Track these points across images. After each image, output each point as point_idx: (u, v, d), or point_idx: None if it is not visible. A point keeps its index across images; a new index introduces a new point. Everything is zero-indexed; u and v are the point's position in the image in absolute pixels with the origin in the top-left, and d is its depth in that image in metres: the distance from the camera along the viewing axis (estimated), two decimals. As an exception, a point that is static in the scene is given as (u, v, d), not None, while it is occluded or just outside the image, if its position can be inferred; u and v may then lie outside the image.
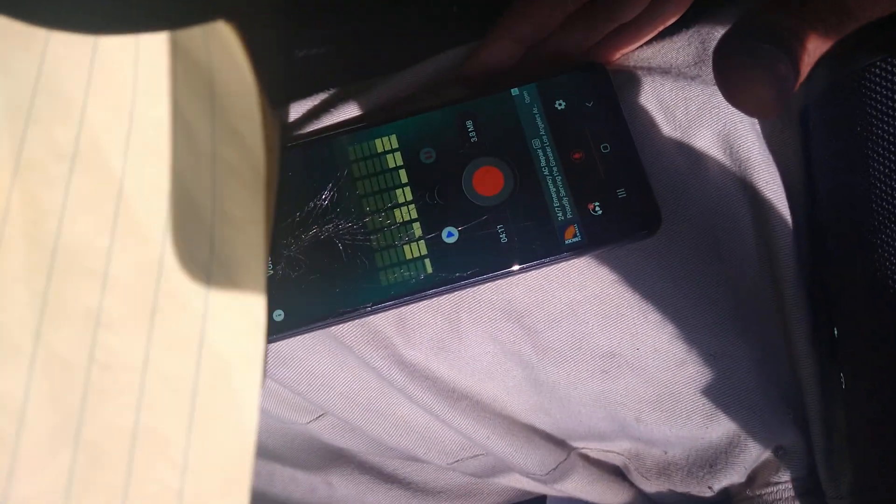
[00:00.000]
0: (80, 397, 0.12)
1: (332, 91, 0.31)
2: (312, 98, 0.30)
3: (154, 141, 0.14)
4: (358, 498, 0.36)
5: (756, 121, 0.27)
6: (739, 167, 0.26)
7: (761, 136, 0.27)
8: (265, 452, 0.37)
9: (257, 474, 0.38)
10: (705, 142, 0.27)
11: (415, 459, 0.33)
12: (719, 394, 0.28)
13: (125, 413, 0.13)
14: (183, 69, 0.14)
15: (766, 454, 0.29)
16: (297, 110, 0.30)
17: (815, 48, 0.18)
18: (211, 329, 0.13)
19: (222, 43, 0.14)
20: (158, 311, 0.13)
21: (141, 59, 0.14)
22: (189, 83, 0.14)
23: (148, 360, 0.13)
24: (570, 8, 0.27)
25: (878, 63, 0.23)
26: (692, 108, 0.27)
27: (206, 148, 0.14)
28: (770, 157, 0.26)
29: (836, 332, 0.25)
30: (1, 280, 0.13)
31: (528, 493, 0.36)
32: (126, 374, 0.13)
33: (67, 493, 0.12)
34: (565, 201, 0.26)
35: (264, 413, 0.34)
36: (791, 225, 0.26)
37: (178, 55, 0.14)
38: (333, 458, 0.36)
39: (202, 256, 0.14)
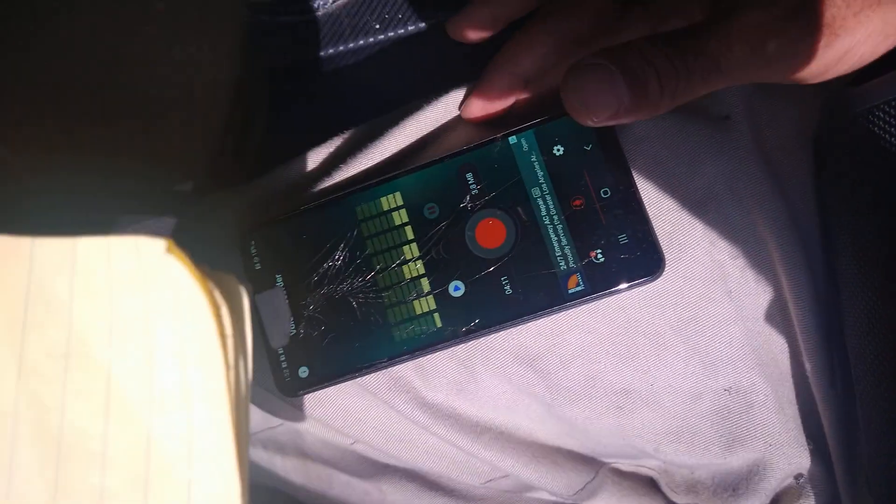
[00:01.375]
0: None
1: (344, 136, 0.31)
2: (327, 145, 0.31)
3: (133, 332, 0.16)
4: (406, 503, 0.38)
5: (761, 153, 0.26)
6: (746, 202, 0.26)
7: (767, 169, 0.26)
8: (323, 460, 0.41)
9: (318, 478, 0.41)
10: (710, 177, 0.26)
11: (450, 480, 0.35)
12: (736, 427, 0.28)
13: None
14: (148, 269, 0.16)
15: (788, 481, 0.29)
16: (313, 159, 0.31)
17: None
18: (196, 494, 0.15)
19: (175, 258, 0.15)
20: (151, 481, 0.15)
21: (113, 257, 0.16)
22: (156, 281, 0.16)
23: None
24: (568, 40, 0.27)
25: (883, 106, 0.21)
26: (696, 145, 0.26)
27: (175, 341, 0.16)
28: (776, 189, 0.26)
29: (853, 372, 0.25)
30: (20, 472, 0.15)
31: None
32: None
33: None
34: (567, 250, 0.26)
35: (313, 434, 0.37)
36: (804, 259, 0.25)
37: (140, 257, 0.15)
38: (382, 468, 0.39)
39: (182, 432, 0.16)
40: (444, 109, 0.29)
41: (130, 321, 0.15)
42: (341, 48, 0.37)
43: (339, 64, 0.37)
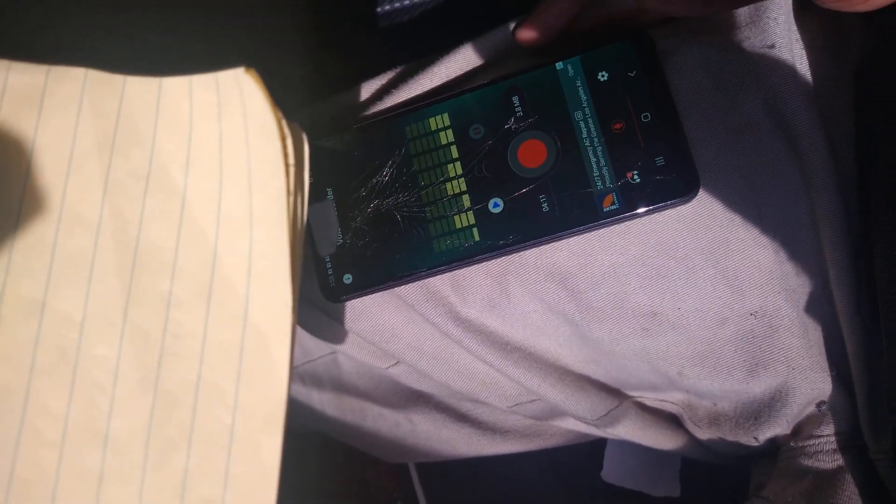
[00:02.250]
0: (158, 358, 0.17)
1: (396, 70, 0.33)
2: (380, 77, 0.33)
3: (207, 160, 0.18)
4: (435, 433, 0.40)
5: (805, 83, 0.27)
6: (786, 131, 0.27)
7: (811, 98, 0.27)
8: (357, 392, 0.43)
9: (351, 411, 0.43)
10: (751, 106, 0.27)
11: (479, 402, 0.37)
12: (760, 351, 0.29)
13: (191, 369, 0.17)
14: (225, 102, 0.18)
15: (810, 409, 0.29)
16: (367, 90, 0.33)
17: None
18: (252, 308, 0.17)
19: (245, 83, 0.17)
20: (214, 294, 0.17)
21: (194, 94, 0.18)
22: (230, 114, 0.18)
23: (207, 330, 0.17)
24: None
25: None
26: (739, 73, 0.27)
27: (244, 167, 0.18)
28: (818, 121, 0.26)
29: (880, 298, 0.26)
30: (99, 275, 0.17)
31: (589, 435, 0.39)
32: (191, 341, 0.17)
33: (149, 428, 0.17)
34: (605, 170, 0.28)
35: (353, 359, 0.39)
36: (838, 190, 0.26)
37: (219, 91, 0.17)
38: (414, 399, 0.41)
39: (244, 252, 0.18)
40: (494, 41, 0.31)
41: (205, 150, 0.17)
42: (397, 5, 0.38)
43: (394, 20, 0.39)
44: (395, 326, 0.33)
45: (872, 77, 0.26)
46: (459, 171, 0.29)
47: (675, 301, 0.29)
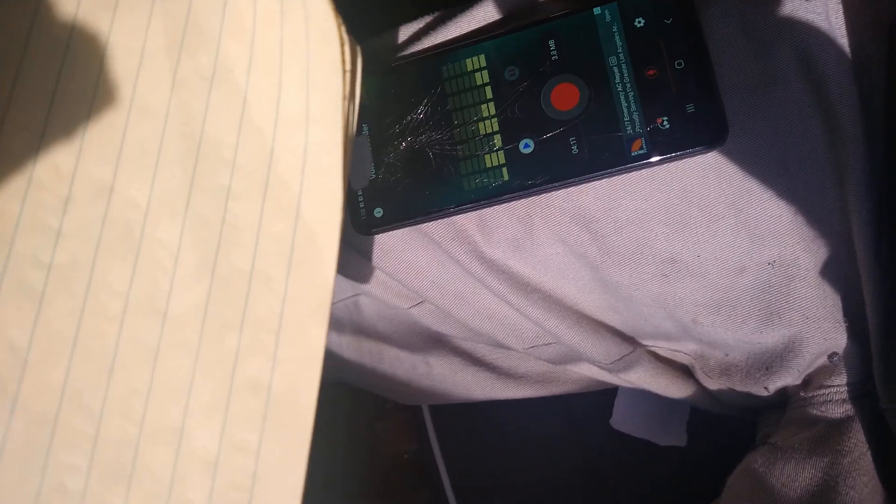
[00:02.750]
0: (216, 245, 0.18)
1: (434, 14, 0.34)
2: (419, 21, 0.34)
3: (269, 63, 0.19)
4: (451, 376, 0.42)
5: (839, 36, 0.27)
6: (816, 83, 0.27)
7: (845, 52, 0.27)
8: (376, 334, 0.44)
9: (369, 353, 0.45)
10: (783, 57, 0.27)
11: (497, 344, 0.38)
12: (775, 300, 0.29)
13: (246, 258, 0.19)
14: (288, 11, 0.19)
15: (822, 360, 0.30)
16: (404, 32, 0.34)
17: None
18: (304, 204, 0.18)
19: None
20: (269, 188, 0.19)
21: (259, 1, 0.19)
22: (292, 21, 0.19)
23: (261, 223, 0.18)
24: None
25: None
26: (772, 23, 0.27)
27: (303, 69, 0.19)
28: (850, 74, 0.27)
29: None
30: (164, 162, 0.19)
31: (602, 382, 0.40)
32: (247, 232, 0.18)
33: (206, 308, 0.18)
34: (635, 115, 0.28)
35: (375, 298, 0.40)
36: (866, 141, 0.27)
37: (283, 2, 0.18)
38: (432, 341, 0.42)
39: (299, 150, 0.19)
40: None
41: (267, 53, 0.18)
42: None
43: None
44: (421, 264, 0.34)
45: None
46: (493, 112, 0.30)
47: (696, 248, 0.29)
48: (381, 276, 0.36)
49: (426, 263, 0.34)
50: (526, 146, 0.29)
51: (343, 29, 0.19)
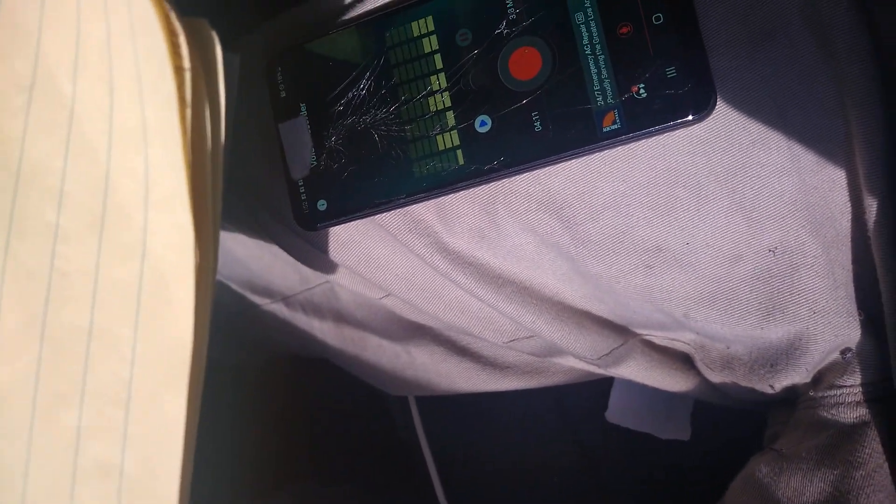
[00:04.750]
0: (44, 300, 0.15)
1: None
2: None
3: (97, 64, 0.15)
4: (433, 366, 0.39)
5: None
6: (821, 34, 0.22)
7: (851, 7, 0.22)
8: (356, 322, 0.41)
9: (352, 341, 0.42)
10: (780, 4, 0.22)
11: (475, 336, 0.35)
12: (778, 292, 0.25)
13: (82, 314, 0.15)
14: (112, 3, 0.15)
15: (833, 356, 0.26)
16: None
17: None
18: (151, 241, 0.15)
19: None
20: (106, 224, 0.15)
21: None
22: (117, 14, 0.15)
23: (99, 268, 0.15)
24: None
25: None
26: None
27: (133, 70, 0.15)
28: (861, 20, 0.22)
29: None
30: None
31: (595, 374, 0.37)
32: (81, 281, 0.15)
33: (37, 378, 0.15)
34: (607, 84, 0.24)
35: (346, 289, 0.37)
36: (882, 108, 0.22)
37: None
38: (412, 330, 0.39)
39: (140, 174, 0.15)
40: None
41: (94, 51, 0.15)
42: None
43: None
44: (382, 257, 0.31)
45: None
46: (444, 84, 0.26)
47: (684, 235, 0.25)
48: (345, 267, 0.33)
49: (387, 256, 0.31)
50: (482, 124, 0.25)
51: (174, 16, 0.15)
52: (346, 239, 0.31)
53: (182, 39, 0.15)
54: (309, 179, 0.28)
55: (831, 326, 0.25)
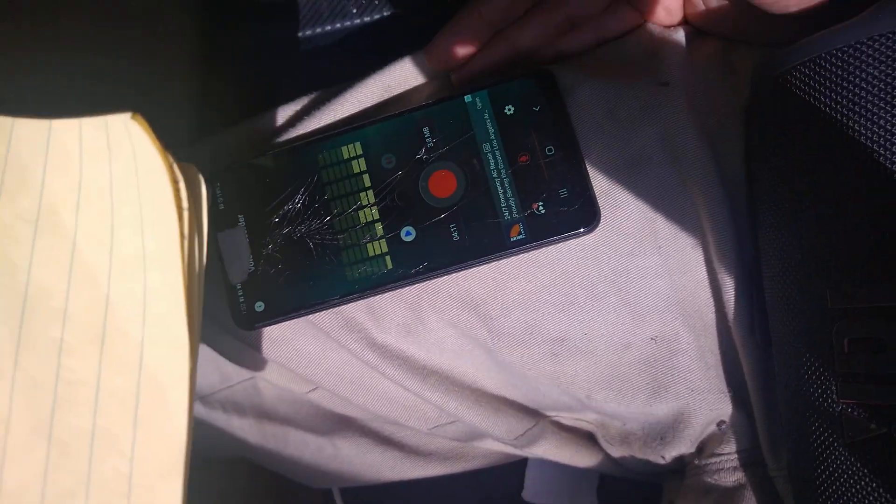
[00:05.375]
0: (51, 406, 0.17)
1: (310, 96, 0.33)
2: (295, 103, 0.33)
3: (98, 203, 0.17)
4: (358, 458, 0.40)
5: (697, 118, 0.28)
6: (679, 163, 0.28)
7: (702, 132, 0.28)
8: (279, 418, 0.42)
9: (273, 437, 0.42)
10: (646, 140, 0.28)
11: (399, 425, 0.37)
12: (661, 374, 0.30)
13: (85, 417, 0.17)
14: (115, 145, 0.17)
15: (711, 428, 0.31)
16: (282, 115, 0.33)
17: None
18: (147, 354, 0.17)
19: (140, 128, 0.17)
20: (107, 339, 0.17)
21: (84, 136, 0.17)
22: (120, 157, 0.17)
23: (100, 377, 0.17)
24: None
25: (799, 67, 0.24)
26: (634, 109, 0.28)
27: (136, 211, 0.17)
28: (709, 153, 0.28)
29: (769, 321, 0.27)
30: None
31: (511, 455, 0.40)
32: (84, 388, 0.17)
33: (45, 477, 0.16)
34: (511, 202, 0.28)
35: (272, 385, 0.38)
36: (729, 219, 0.27)
37: (108, 134, 0.17)
38: (337, 423, 0.40)
39: (138, 295, 0.17)
40: (407, 69, 0.31)
41: (96, 192, 0.17)
42: (318, 30, 0.39)
43: (315, 44, 0.39)
44: (312, 353, 0.33)
45: (754, 108, 0.27)
46: (372, 200, 0.29)
47: (582, 327, 0.29)
48: (275, 364, 0.35)
49: (318, 352, 0.33)
50: (408, 234, 0.29)
51: (176, 167, 0.18)
52: (277, 337, 0.33)
53: (182, 185, 0.17)
54: (247, 283, 0.30)
55: (707, 402, 0.30)
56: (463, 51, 0.30)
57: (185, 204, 0.17)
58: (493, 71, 0.31)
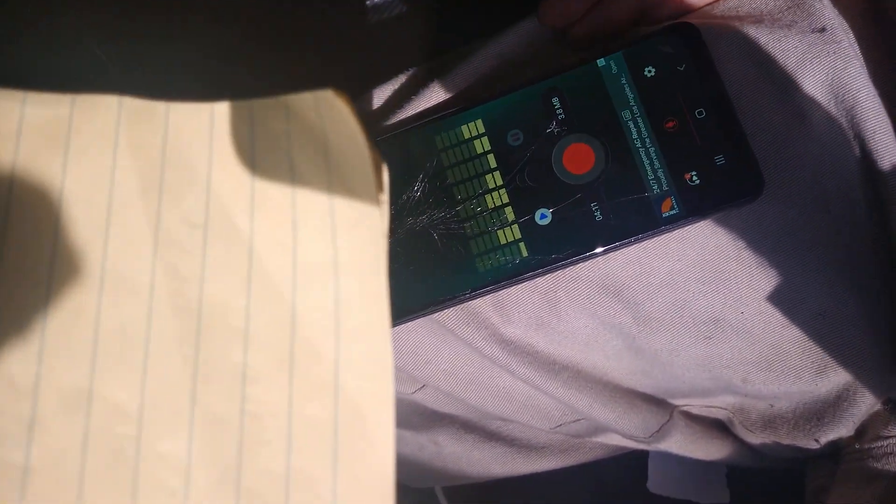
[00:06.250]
0: (237, 448, 0.14)
1: (410, 72, 0.31)
2: (392, 82, 0.30)
3: (276, 199, 0.15)
4: (465, 455, 0.38)
5: (862, 65, 0.25)
6: (846, 116, 0.25)
7: (870, 82, 0.25)
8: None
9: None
10: (807, 92, 0.25)
11: (516, 423, 0.35)
12: (827, 352, 0.27)
13: (277, 458, 0.14)
14: (297, 130, 0.15)
15: (877, 407, 0.28)
16: (379, 97, 0.30)
17: None
18: (344, 375, 0.14)
19: (331, 105, 0.14)
20: (296, 362, 0.14)
21: (255, 122, 0.14)
22: (303, 144, 0.15)
23: (292, 407, 0.14)
24: None
25: None
26: (790, 60, 0.25)
27: (324, 204, 0.15)
28: (879, 102, 0.25)
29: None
30: (156, 350, 0.14)
31: (630, 447, 0.37)
32: (274, 422, 0.14)
33: None
34: (660, 173, 0.26)
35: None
36: None
37: (289, 117, 0.14)
38: (438, 420, 0.38)
39: (329, 307, 0.15)
40: (522, 34, 0.29)
41: (273, 186, 0.14)
42: None
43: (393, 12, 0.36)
44: (430, 351, 0.31)
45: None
46: (500, 182, 0.27)
47: (738, 305, 0.27)
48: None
49: (435, 349, 0.31)
50: (543, 217, 0.26)
51: (373, 146, 0.15)
52: (392, 334, 0.30)
53: (385, 174, 0.15)
54: (367, 282, 0.27)
55: (876, 379, 0.27)
56: (579, 3, 0.27)
57: (384, 197, 0.15)
58: (615, 28, 0.28)
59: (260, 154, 0.15)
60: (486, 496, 0.42)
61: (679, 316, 0.27)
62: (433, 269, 0.27)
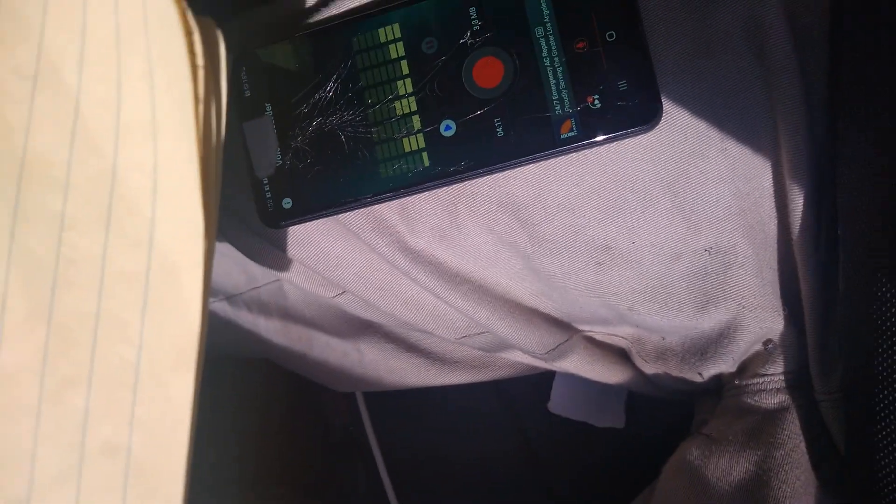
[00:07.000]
0: (51, 286, 0.15)
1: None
2: None
3: (103, 57, 0.15)
4: (383, 363, 0.40)
5: (785, 5, 0.25)
6: (762, 58, 0.25)
7: (785, 21, 0.25)
8: (304, 321, 0.41)
9: (298, 339, 0.42)
10: (724, 26, 0.25)
11: (427, 333, 0.36)
12: (712, 288, 0.28)
13: (89, 300, 0.15)
14: None
15: (757, 347, 0.29)
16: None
17: None
18: (159, 231, 0.15)
19: None
20: (113, 214, 0.15)
21: None
22: (127, 6, 0.15)
23: (106, 256, 0.15)
24: None
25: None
26: None
27: (145, 67, 0.15)
28: (795, 45, 0.25)
29: (839, 233, 0.25)
30: None
31: (537, 367, 0.39)
32: (88, 268, 0.15)
33: (44, 362, 0.15)
34: (564, 94, 0.26)
35: (298, 287, 0.38)
36: (807, 124, 0.25)
37: None
38: (362, 328, 0.40)
39: (147, 167, 0.15)
40: None
41: (101, 44, 0.15)
42: None
43: None
44: (340, 255, 0.32)
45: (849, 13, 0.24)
46: (410, 90, 0.27)
47: (630, 235, 0.28)
48: (301, 266, 0.33)
49: (346, 254, 0.32)
50: (447, 128, 0.27)
51: (190, 15, 0.15)
52: (304, 237, 0.31)
53: (197, 37, 0.15)
54: (274, 178, 0.28)
55: (758, 319, 0.28)
56: None
57: (199, 61, 0.15)
58: None
59: (91, 13, 0.15)
60: (403, 404, 0.44)
61: (573, 240, 0.28)
62: (338, 170, 0.27)
